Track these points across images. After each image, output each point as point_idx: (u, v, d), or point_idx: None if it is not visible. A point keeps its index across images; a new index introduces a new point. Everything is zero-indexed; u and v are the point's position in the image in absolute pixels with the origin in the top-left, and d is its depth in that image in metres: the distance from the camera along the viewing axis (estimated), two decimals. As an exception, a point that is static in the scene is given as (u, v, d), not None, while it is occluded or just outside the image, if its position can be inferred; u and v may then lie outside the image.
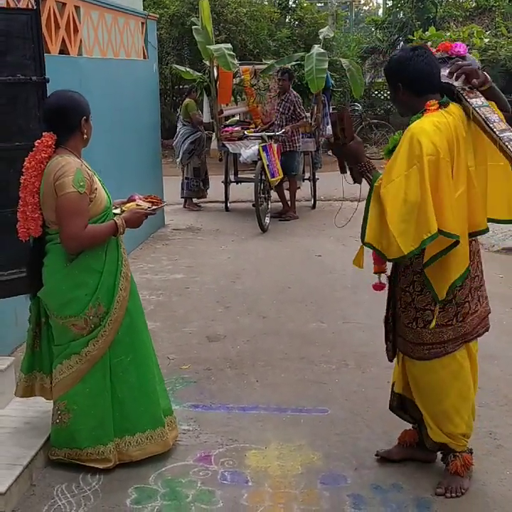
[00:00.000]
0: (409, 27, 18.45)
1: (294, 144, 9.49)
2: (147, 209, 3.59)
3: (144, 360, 3.59)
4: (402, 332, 3.34)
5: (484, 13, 18.88)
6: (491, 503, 3.25)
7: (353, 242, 8.21)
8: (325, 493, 3.33)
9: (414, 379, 3.38)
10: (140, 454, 3.55)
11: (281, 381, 4.58)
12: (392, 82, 3.25)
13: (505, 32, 17.00)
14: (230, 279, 6.84)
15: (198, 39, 9.73)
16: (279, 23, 17.43)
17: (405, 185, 2.96)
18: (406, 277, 3.27)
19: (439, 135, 3.01)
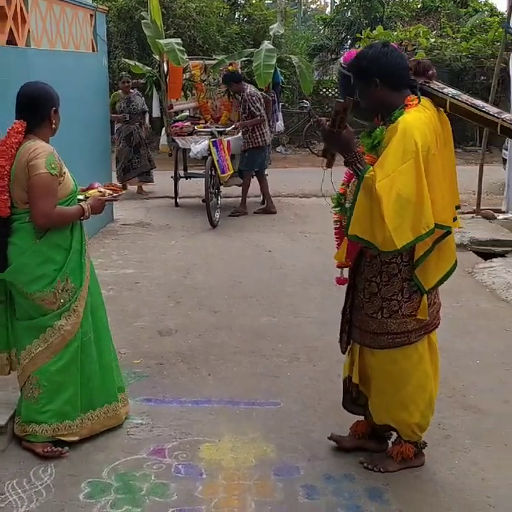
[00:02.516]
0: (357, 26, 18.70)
1: (257, 140, 9.46)
2: (109, 196, 3.79)
3: (103, 337, 3.80)
4: (363, 323, 3.36)
5: (430, 13, 19.23)
6: (441, 492, 3.33)
7: (303, 237, 8.38)
8: (278, 484, 3.36)
9: (372, 369, 3.42)
10: (100, 427, 3.75)
11: (234, 375, 4.59)
12: (366, 78, 3.19)
13: (450, 32, 17.34)
14: (181, 274, 6.82)
15: (147, 33, 9.66)
16: (228, 19, 17.45)
17: (400, 181, 3.00)
18: (372, 267, 3.29)
19: (428, 130, 3.10)
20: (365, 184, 3.03)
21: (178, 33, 14.57)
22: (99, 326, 3.79)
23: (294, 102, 17.84)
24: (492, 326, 5.51)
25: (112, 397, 3.81)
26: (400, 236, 3.01)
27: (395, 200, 2.99)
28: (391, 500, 3.24)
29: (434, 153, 3.12)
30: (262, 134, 9.48)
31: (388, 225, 2.98)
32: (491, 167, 11.88)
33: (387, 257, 3.21)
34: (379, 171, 3.03)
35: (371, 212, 3.03)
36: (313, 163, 15.47)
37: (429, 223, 3.07)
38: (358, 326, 3.41)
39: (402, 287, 3.27)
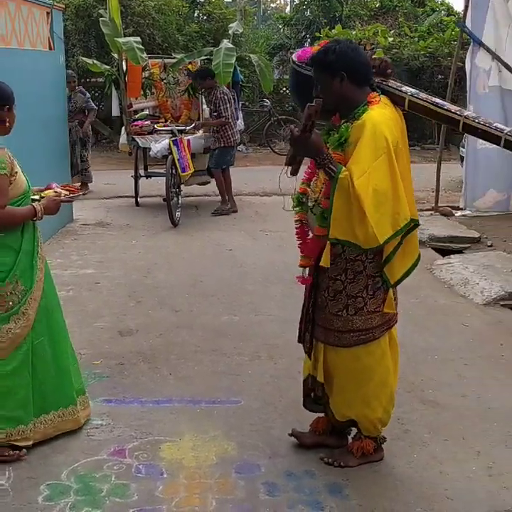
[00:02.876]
0: (316, 25, 18.78)
1: (228, 140, 9.46)
2: (65, 197, 3.72)
3: (59, 340, 3.73)
4: (327, 321, 3.36)
5: (388, 12, 19.40)
6: (400, 485, 3.37)
7: (263, 236, 8.39)
8: (240, 482, 3.37)
9: (335, 367, 3.42)
10: (53, 431, 3.68)
11: (195, 374, 4.58)
12: (333, 72, 3.16)
13: (408, 32, 17.51)
14: (142, 274, 6.79)
15: (105, 31, 9.52)
16: (188, 17, 17.39)
17: (375, 177, 3.03)
18: (337, 266, 3.29)
19: (394, 125, 3.16)
20: (341, 184, 3.05)
21: (137, 32, 14.46)
22: (55, 329, 3.72)
23: (254, 100, 17.85)
24: (450, 321, 5.59)
25: (69, 400, 3.74)
26: (381, 231, 3.05)
27: (372, 196, 3.02)
28: (351, 495, 3.27)
29: (402, 148, 3.18)
30: (233, 134, 9.52)
31: (370, 221, 3.01)
32: (449, 165, 12.07)
33: (353, 254, 3.24)
34: (354, 168, 3.04)
35: (349, 211, 3.05)
36: (273, 162, 15.49)
37: (406, 216, 3.13)
38: (322, 325, 3.41)
39: (366, 284, 3.30)
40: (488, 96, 9.24)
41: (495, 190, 9.48)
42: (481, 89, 9.35)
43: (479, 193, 9.53)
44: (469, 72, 9.43)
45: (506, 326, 5.49)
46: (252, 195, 11.11)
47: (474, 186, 9.54)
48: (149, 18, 15.66)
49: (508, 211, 9.42)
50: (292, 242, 8.28)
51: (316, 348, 3.49)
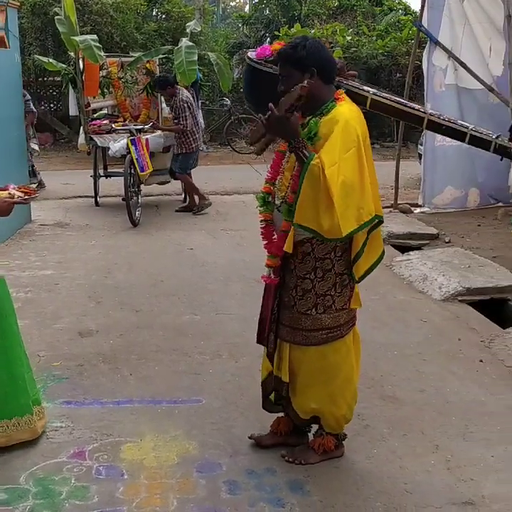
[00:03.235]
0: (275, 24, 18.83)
1: (190, 146, 9.42)
2: (18, 198, 3.59)
3: (12, 346, 3.60)
4: (295, 320, 3.35)
5: (346, 12, 19.55)
6: (360, 481, 3.39)
7: (224, 234, 8.39)
8: (201, 481, 3.36)
9: (300, 366, 3.41)
10: (6, 440, 3.54)
11: (156, 374, 4.56)
12: (303, 68, 3.14)
13: (366, 31, 17.67)
14: (102, 274, 6.73)
15: (61, 30, 9.43)
16: (146, 15, 17.30)
17: (345, 168, 3.04)
18: (306, 264, 3.29)
19: (361, 121, 3.19)
20: (312, 171, 3.03)
21: (94, 30, 14.33)
22: (9, 334, 3.59)
23: (214, 99, 17.83)
24: (409, 317, 5.66)
25: (25, 409, 3.59)
26: (345, 224, 3.05)
27: (340, 187, 3.02)
28: (312, 492, 3.28)
29: (368, 144, 3.22)
30: (195, 140, 9.48)
31: (337, 211, 3.01)
32: (408, 162, 12.19)
33: (322, 252, 3.25)
34: (325, 158, 3.03)
35: (317, 199, 3.04)
36: (234, 161, 15.54)
37: (371, 211, 3.14)
38: (288, 324, 3.38)
39: (335, 282, 3.31)
40: (445, 94, 9.38)
41: (452, 187, 9.62)
42: (438, 88, 9.48)
43: (437, 190, 9.65)
44: (426, 71, 9.55)
45: (464, 321, 5.56)
46: (213, 194, 11.08)
47: (432, 183, 9.67)
48: (107, 16, 15.55)
49: (466, 208, 9.57)
50: (252, 240, 8.34)
51: (280, 347, 3.45)
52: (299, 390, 3.45)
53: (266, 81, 3.39)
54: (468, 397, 4.27)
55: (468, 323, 5.54)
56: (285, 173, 3.30)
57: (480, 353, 4.93)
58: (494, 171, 9.16)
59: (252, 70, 3.54)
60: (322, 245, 3.23)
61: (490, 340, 5.14)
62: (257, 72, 3.49)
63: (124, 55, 11.70)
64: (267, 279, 3.40)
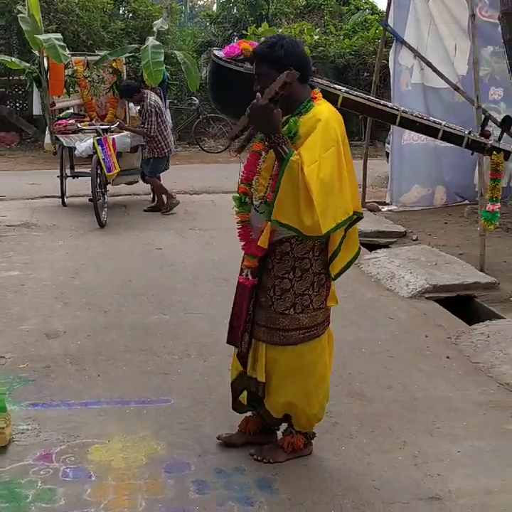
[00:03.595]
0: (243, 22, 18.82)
1: (163, 151, 9.33)
2: None
3: None
4: (272, 320, 3.33)
5: (314, 11, 19.62)
6: (328, 478, 3.41)
7: (193, 234, 8.37)
8: (169, 482, 3.35)
9: (275, 366, 3.39)
10: None
11: (124, 374, 4.53)
12: (280, 68, 3.07)
13: (333, 30, 17.75)
14: (69, 275, 6.67)
15: (24, 28, 9.29)
16: (113, 14, 17.18)
17: (325, 167, 3.03)
18: (284, 264, 3.27)
19: (339, 121, 3.20)
20: (291, 167, 3.02)
21: (60, 28, 14.21)
22: None
23: (182, 98, 17.77)
24: (377, 315, 5.70)
25: None
26: (324, 222, 3.04)
27: (320, 185, 3.01)
28: (280, 490, 3.29)
29: (346, 143, 3.23)
30: (167, 144, 9.38)
31: (317, 209, 3.00)
32: (376, 161, 12.29)
33: (301, 252, 3.24)
34: (305, 155, 3.03)
35: (295, 197, 3.02)
36: (203, 160, 15.52)
37: (348, 210, 3.15)
38: (264, 324, 3.36)
39: (313, 281, 3.31)
40: (411, 93, 9.46)
41: (419, 186, 9.71)
42: (404, 87, 9.57)
43: (404, 188, 9.73)
44: (393, 70, 9.63)
45: (431, 318, 5.62)
46: (182, 193, 11.04)
47: (399, 182, 9.75)
48: (73, 14, 15.41)
49: (433, 206, 9.67)
50: (221, 240, 8.35)
51: (255, 348, 3.43)
52: (273, 389, 3.44)
53: (235, 81, 3.37)
54: (435, 393, 4.31)
55: (435, 320, 5.60)
56: (262, 173, 3.26)
57: (446, 349, 4.99)
58: (460, 169, 9.28)
59: (219, 69, 3.48)
60: (301, 245, 3.23)
61: (456, 336, 5.19)
62: (226, 71, 3.45)
63: (89, 53, 11.51)
64: (244, 280, 3.36)
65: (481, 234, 6.78)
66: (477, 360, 4.75)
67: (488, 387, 4.37)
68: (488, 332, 5.10)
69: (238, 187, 3.35)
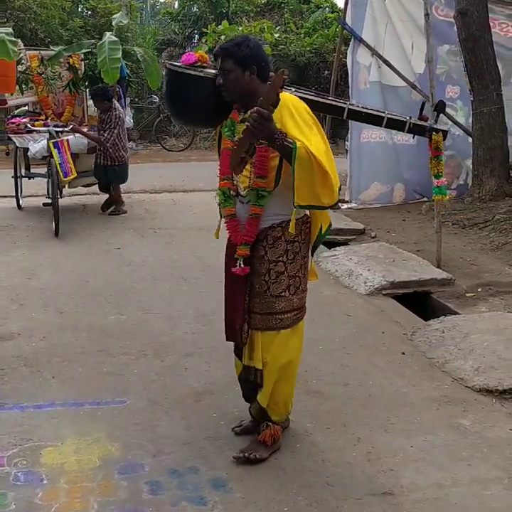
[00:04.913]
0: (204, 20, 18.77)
1: (123, 158, 9.14)
2: None
3: None
4: (268, 305, 3.43)
5: (274, 9, 19.66)
6: (283, 475, 3.41)
7: (152, 233, 8.32)
8: (122, 483, 3.32)
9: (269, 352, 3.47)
10: None
11: (79, 375, 4.49)
12: (245, 66, 3.28)
13: (293, 28, 17.80)
14: (25, 276, 6.59)
15: None
16: (72, 12, 17.02)
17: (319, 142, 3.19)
18: (277, 248, 3.39)
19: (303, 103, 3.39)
20: (300, 154, 3.10)
21: (18, 26, 14.05)
22: None
23: (143, 96, 17.67)
24: (335, 312, 5.72)
25: None
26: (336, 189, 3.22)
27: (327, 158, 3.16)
28: (234, 489, 3.28)
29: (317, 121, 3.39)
30: (125, 150, 9.23)
31: (333, 181, 3.16)
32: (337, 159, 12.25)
33: (291, 236, 3.37)
34: (303, 138, 3.15)
35: (313, 177, 3.12)
36: (164, 159, 15.46)
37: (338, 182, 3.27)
38: (260, 311, 3.44)
39: (301, 264, 3.46)
40: (369, 91, 9.53)
41: (379, 183, 9.79)
42: (363, 85, 9.64)
43: (364, 186, 9.80)
44: (351, 68, 9.69)
45: (388, 315, 5.67)
46: (142, 192, 11.01)
47: (359, 179, 9.81)
48: (30, 12, 15.24)
49: (392, 203, 9.75)
50: (181, 238, 8.31)
51: (251, 337, 3.51)
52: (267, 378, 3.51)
53: (194, 87, 3.40)
54: (390, 389, 4.35)
55: (392, 316, 5.65)
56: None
57: (402, 345, 5.03)
58: (418, 166, 9.37)
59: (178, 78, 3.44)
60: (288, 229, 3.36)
61: (412, 332, 5.24)
62: (183, 78, 3.42)
63: (44, 48, 11.09)
64: (238, 270, 3.43)
65: (437, 230, 6.86)
66: (432, 356, 4.80)
67: (442, 383, 4.42)
68: (443, 328, 5.15)
69: (220, 183, 3.46)
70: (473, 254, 7.23)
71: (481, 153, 9.13)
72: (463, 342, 4.87)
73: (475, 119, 9.18)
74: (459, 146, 9.74)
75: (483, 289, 6.15)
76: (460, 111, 9.75)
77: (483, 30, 8.87)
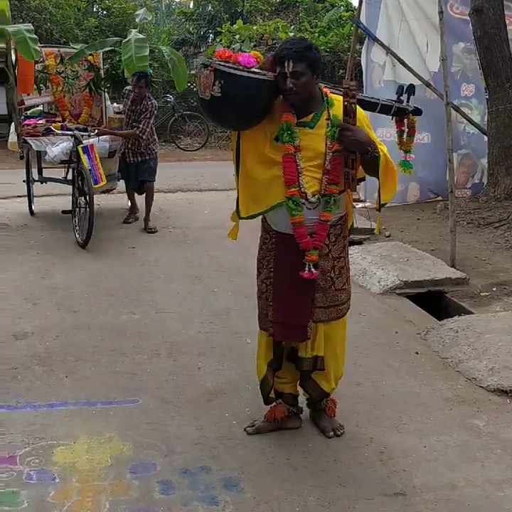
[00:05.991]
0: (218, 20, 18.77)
1: (156, 150, 8.54)
2: None
3: None
4: (331, 299, 3.56)
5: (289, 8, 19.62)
6: (294, 476, 3.40)
7: (167, 232, 8.32)
8: (134, 482, 3.33)
9: (332, 340, 3.69)
10: None
11: (92, 375, 4.50)
12: (314, 69, 3.26)
13: (308, 27, 17.75)
14: (39, 275, 6.61)
15: None
16: (87, 12, 17.09)
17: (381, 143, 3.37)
18: (338, 245, 3.54)
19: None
20: (383, 159, 3.27)
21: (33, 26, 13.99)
22: None
23: (158, 96, 17.69)
24: (348, 311, 5.69)
25: None
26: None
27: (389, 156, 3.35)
28: (246, 489, 3.28)
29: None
30: (156, 144, 8.64)
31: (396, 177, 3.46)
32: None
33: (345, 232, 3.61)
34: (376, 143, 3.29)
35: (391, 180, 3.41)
36: (179, 158, 15.46)
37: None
38: (322, 305, 3.55)
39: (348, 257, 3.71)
40: (384, 90, 9.44)
41: (393, 182, 9.72)
42: (377, 84, 9.59)
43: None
44: (365, 67, 9.65)
45: (401, 314, 5.64)
46: (156, 191, 10.96)
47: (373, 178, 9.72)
48: (46, 12, 15.31)
49: (406, 202, 9.69)
50: (195, 237, 8.29)
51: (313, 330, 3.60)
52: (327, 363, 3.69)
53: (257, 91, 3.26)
54: (403, 389, 4.33)
55: (406, 316, 5.62)
56: (308, 170, 3.36)
57: (416, 345, 5.01)
58: (433, 166, 9.31)
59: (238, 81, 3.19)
60: (345, 225, 3.59)
61: (426, 332, 5.21)
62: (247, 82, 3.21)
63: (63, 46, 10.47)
64: (308, 274, 3.44)
65: (452, 229, 6.81)
66: (445, 356, 4.77)
67: (456, 383, 4.40)
68: (457, 327, 5.11)
69: (287, 191, 3.35)
70: (487, 254, 7.18)
71: (497, 152, 9.06)
72: (477, 342, 4.83)
73: (490, 117, 9.12)
74: (474, 145, 9.67)
75: (498, 288, 6.11)
76: (475, 109, 9.68)
77: (498, 28, 8.81)
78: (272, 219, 3.54)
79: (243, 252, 6.49)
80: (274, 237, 3.55)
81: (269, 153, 3.38)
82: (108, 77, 9.23)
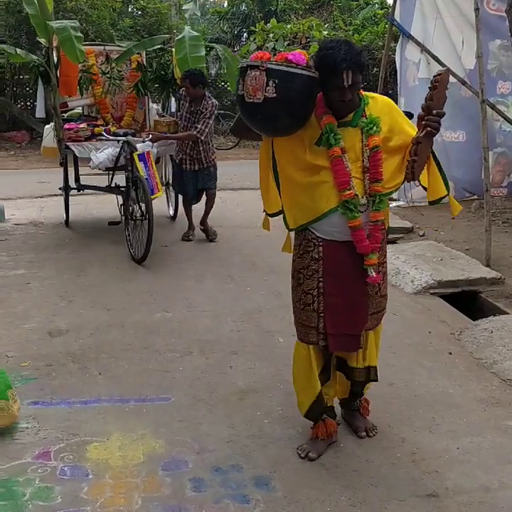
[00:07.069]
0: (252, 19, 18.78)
1: (214, 155, 7.88)
2: None
3: None
4: (377, 305, 3.50)
5: (323, 6, 19.55)
6: (326, 475, 3.40)
7: (199, 231, 8.35)
8: (166, 479, 3.35)
9: (378, 345, 3.74)
10: None
11: (125, 372, 4.54)
12: (363, 70, 3.10)
13: (342, 25, 17.67)
14: (74, 273, 6.69)
15: (30, 12, 7.56)
16: (122, 12, 17.21)
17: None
18: (383, 250, 3.46)
19: None
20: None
21: (69, 27, 14.22)
22: None
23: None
24: (381, 311, 5.66)
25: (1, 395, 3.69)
26: None
27: None
28: (277, 487, 3.28)
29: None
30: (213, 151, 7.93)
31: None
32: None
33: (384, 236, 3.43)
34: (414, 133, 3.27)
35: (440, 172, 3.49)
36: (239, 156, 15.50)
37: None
38: (370, 312, 3.47)
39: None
40: (418, 88, 9.37)
41: (427, 181, 9.64)
42: (411, 82, 9.51)
43: (412, 183, 9.65)
44: (399, 65, 9.58)
45: (435, 314, 5.59)
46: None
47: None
48: (81, 13, 15.45)
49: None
50: (228, 237, 8.32)
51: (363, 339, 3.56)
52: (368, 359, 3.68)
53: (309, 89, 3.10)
54: (436, 389, 4.29)
55: (439, 315, 5.57)
56: (354, 172, 3.22)
57: (449, 345, 4.96)
58: (468, 164, 9.21)
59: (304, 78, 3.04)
60: (385, 230, 3.43)
61: (460, 332, 5.16)
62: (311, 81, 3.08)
63: (108, 44, 9.81)
64: (371, 278, 3.33)
65: (487, 229, 6.74)
66: (479, 356, 4.72)
67: (490, 384, 4.35)
68: (492, 328, 5.06)
69: (342, 194, 3.19)
70: (523, 253, 7.09)
71: (533, 150, 8.94)
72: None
73: (527, 115, 9.00)
74: (510, 143, 9.55)
75: (534, 288, 6.03)
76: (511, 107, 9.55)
77: (536, 24, 8.66)
78: (318, 226, 3.31)
79: (276, 251, 6.48)
80: (321, 245, 3.33)
81: (312, 159, 3.21)
82: (156, 78, 8.56)
